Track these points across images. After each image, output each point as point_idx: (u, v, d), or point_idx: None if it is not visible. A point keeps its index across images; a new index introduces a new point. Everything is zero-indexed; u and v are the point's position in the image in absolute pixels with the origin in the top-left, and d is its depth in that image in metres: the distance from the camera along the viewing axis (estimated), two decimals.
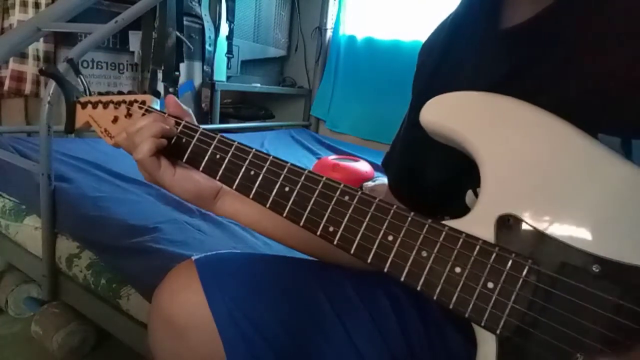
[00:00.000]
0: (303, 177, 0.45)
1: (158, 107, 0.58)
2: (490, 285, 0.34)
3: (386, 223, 0.39)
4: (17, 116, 1.62)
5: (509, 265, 0.34)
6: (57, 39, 1.52)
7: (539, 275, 0.33)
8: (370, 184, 1.61)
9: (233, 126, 2.25)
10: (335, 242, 0.41)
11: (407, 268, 0.37)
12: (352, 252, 0.40)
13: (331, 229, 0.42)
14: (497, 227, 0.36)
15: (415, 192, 0.58)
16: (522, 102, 0.38)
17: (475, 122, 0.39)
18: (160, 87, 1.73)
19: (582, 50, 0.40)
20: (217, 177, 0.50)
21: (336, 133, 2.49)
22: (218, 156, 0.50)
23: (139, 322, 0.89)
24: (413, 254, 0.37)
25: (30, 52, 1.49)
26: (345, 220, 0.41)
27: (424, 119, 0.41)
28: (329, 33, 2.51)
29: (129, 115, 0.58)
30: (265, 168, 0.47)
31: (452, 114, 0.41)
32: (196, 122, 0.55)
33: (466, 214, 0.38)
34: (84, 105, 0.62)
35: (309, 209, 0.44)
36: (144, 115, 0.56)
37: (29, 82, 1.53)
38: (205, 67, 1.96)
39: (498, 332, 0.34)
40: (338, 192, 0.42)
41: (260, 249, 0.98)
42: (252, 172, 0.48)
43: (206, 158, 0.51)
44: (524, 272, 0.33)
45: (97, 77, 1.67)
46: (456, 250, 0.36)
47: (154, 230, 0.95)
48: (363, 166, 1.73)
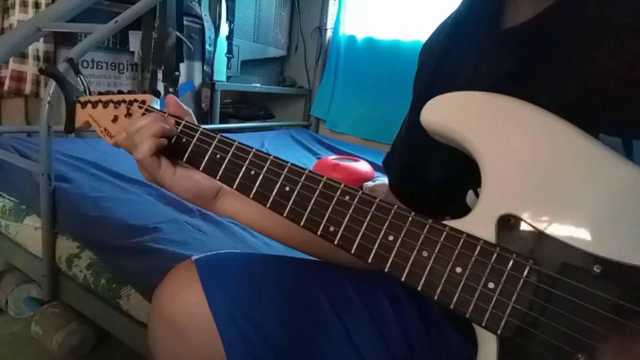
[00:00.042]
0: (303, 177, 0.45)
1: (158, 107, 0.58)
2: (491, 285, 0.34)
3: (387, 223, 0.39)
4: (17, 116, 1.62)
5: (509, 266, 0.34)
6: (57, 39, 1.52)
7: (540, 276, 0.33)
8: (370, 184, 1.61)
9: (233, 126, 2.25)
10: (336, 242, 0.41)
11: (408, 268, 0.37)
12: (352, 252, 0.40)
13: (332, 228, 0.42)
14: (498, 227, 0.36)
15: (415, 192, 0.58)
16: (523, 102, 0.38)
17: (476, 122, 0.39)
18: (160, 87, 1.73)
19: (582, 50, 0.40)
20: (218, 177, 0.50)
21: (336, 133, 2.49)
22: (218, 156, 0.50)
23: (139, 322, 0.89)
24: (414, 254, 0.37)
25: (30, 52, 1.49)
26: (346, 220, 0.41)
27: (425, 119, 0.41)
28: (329, 33, 2.51)
29: (128, 114, 0.58)
30: (265, 168, 0.47)
31: (452, 114, 0.41)
32: (196, 122, 0.55)
33: (467, 214, 0.38)
34: (83, 105, 0.62)
35: (309, 208, 0.43)
36: (144, 114, 0.56)
37: (29, 82, 1.53)
38: (205, 67, 1.96)
39: (499, 332, 0.33)
40: (338, 192, 0.42)
41: (260, 249, 0.98)
42: (253, 172, 0.48)
43: (206, 158, 0.51)
44: (525, 273, 0.33)
45: (97, 77, 1.67)
46: (457, 251, 0.36)
47: (154, 230, 0.95)
48: (363, 166, 1.73)
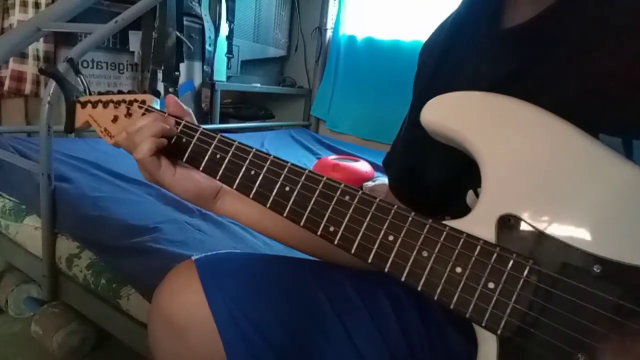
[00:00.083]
0: (303, 177, 0.45)
1: (158, 107, 0.58)
2: (491, 285, 0.34)
3: (387, 223, 0.39)
4: (17, 116, 1.62)
5: (509, 266, 0.34)
6: (57, 39, 1.52)
7: (540, 276, 0.33)
8: (370, 184, 1.61)
9: (233, 126, 2.25)
10: (336, 242, 0.41)
11: (408, 268, 0.37)
12: (352, 252, 0.40)
13: (332, 228, 0.42)
14: (498, 227, 0.36)
15: (415, 192, 0.58)
16: (522, 102, 0.38)
17: (476, 122, 0.39)
18: (160, 87, 1.73)
19: (582, 50, 0.40)
20: (218, 177, 0.50)
21: (336, 133, 2.49)
22: (218, 156, 0.50)
23: (139, 322, 0.89)
24: (414, 254, 0.37)
25: (30, 52, 1.49)
26: (346, 220, 0.41)
27: (425, 119, 0.41)
28: (329, 33, 2.51)
29: (128, 114, 0.58)
30: (265, 168, 0.47)
31: (452, 114, 0.41)
32: (196, 122, 0.55)
33: (467, 214, 0.38)
34: (83, 105, 0.62)
35: (309, 208, 0.43)
36: (144, 114, 0.56)
37: (29, 82, 1.53)
38: (205, 67, 1.96)
39: (499, 332, 0.33)
40: (339, 192, 0.42)
41: (260, 249, 0.98)
42: (253, 172, 0.48)
43: (206, 158, 0.51)
44: (525, 273, 0.33)
45: (97, 77, 1.67)
46: (457, 251, 0.36)
47: (154, 230, 0.95)
48: (363, 166, 1.73)
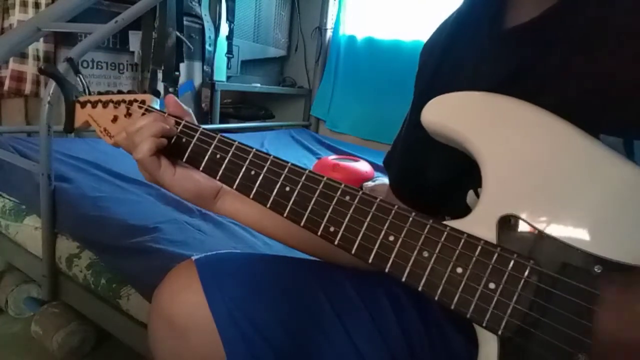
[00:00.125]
0: (304, 177, 0.45)
1: (158, 107, 0.58)
2: (491, 285, 0.34)
3: (387, 223, 0.39)
4: (17, 116, 1.62)
5: (510, 266, 0.34)
6: (57, 39, 1.52)
7: (541, 276, 0.33)
8: (370, 184, 1.61)
9: (233, 126, 2.25)
10: (336, 242, 0.41)
11: (409, 268, 0.37)
12: (353, 252, 0.40)
13: (332, 229, 0.42)
14: (498, 227, 0.35)
15: (416, 192, 0.58)
16: (523, 102, 0.38)
17: (476, 122, 0.39)
18: (160, 87, 1.73)
19: (583, 50, 0.40)
20: (218, 177, 0.50)
21: (336, 133, 2.49)
22: (218, 156, 0.50)
23: (139, 322, 0.88)
24: (414, 255, 0.37)
25: (30, 52, 1.49)
26: (346, 220, 0.41)
27: (425, 119, 0.41)
28: (329, 33, 2.51)
29: (128, 114, 0.58)
30: (265, 168, 0.47)
31: (453, 114, 0.41)
32: (196, 122, 0.55)
33: (467, 213, 0.38)
34: (83, 105, 0.62)
35: (309, 209, 0.43)
36: (143, 114, 0.56)
37: (29, 82, 1.53)
38: (205, 67, 1.96)
39: (500, 332, 0.33)
40: (339, 192, 0.42)
41: (260, 249, 0.98)
42: (253, 172, 0.48)
43: (206, 158, 0.51)
44: (526, 273, 0.33)
45: (97, 77, 1.67)
46: (458, 251, 0.36)
47: (154, 230, 0.95)
48: (363, 166, 1.73)
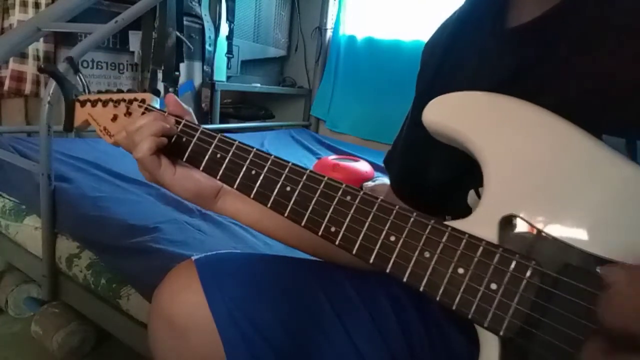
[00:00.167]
0: (305, 177, 0.44)
1: (158, 106, 0.58)
2: (493, 286, 0.34)
3: (388, 223, 0.39)
4: (17, 116, 1.62)
5: (512, 266, 0.34)
6: (57, 39, 1.52)
7: (543, 277, 0.33)
8: (370, 184, 1.61)
9: (233, 126, 2.25)
10: (337, 243, 0.41)
11: (410, 269, 0.37)
12: (354, 252, 0.40)
13: (333, 229, 0.41)
14: (500, 227, 0.35)
15: (416, 192, 0.57)
16: (524, 102, 0.37)
17: (477, 122, 0.39)
18: (160, 87, 1.73)
19: (582, 50, 0.39)
20: (218, 177, 0.50)
21: (336, 133, 2.49)
22: (219, 155, 0.50)
23: (139, 322, 0.88)
24: (416, 255, 0.37)
25: (30, 52, 1.49)
26: (347, 220, 0.41)
27: (426, 118, 0.41)
28: (329, 33, 2.51)
29: (128, 113, 0.58)
30: (266, 168, 0.47)
31: (454, 114, 0.40)
32: (196, 122, 0.55)
33: (468, 213, 0.38)
34: (83, 104, 0.62)
35: (310, 208, 0.43)
36: (143, 113, 0.56)
37: (29, 82, 1.52)
38: (205, 67, 1.96)
39: (501, 333, 0.33)
40: (340, 192, 0.42)
41: (260, 249, 0.98)
42: (254, 172, 0.48)
43: (207, 157, 0.51)
44: (528, 273, 0.33)
45: (97, 77, 1.67)
46: (459, 251, 0.36)
47: (154, 230, 0.95)
48: (363, 166, 1.73)
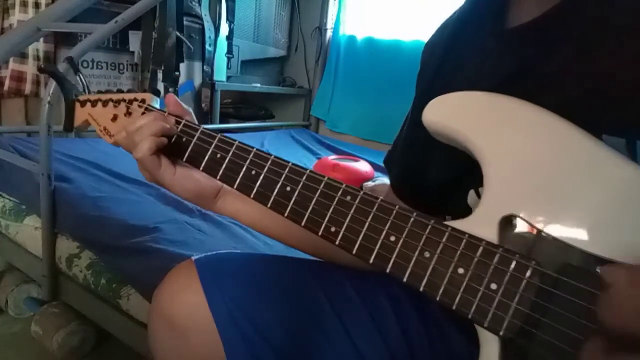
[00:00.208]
0: (305, 177, 0.44)
1: (158, 106, 0.58)
2: (493, 286, 0.34)
3: (389, 223, 0.39)
4: (17, 116, 1.62)
5: (512, 267, 0.34)
6: (57, 39, 1.52)
7: (543, 277, 0.33)
8: (370, 184, 1.61)
9: (233, 126, 2.25)
10: (337, 243, 0.41)
11: (410, 269, 0.37)
12: (354, 252, 0.40)
13: (333, 229, 0.41)
14: (500, 227, 0.35)
15: (417, 192, 0.57)
16: (524, 102, 0.37)
17: (478, 122, 0.39)
18: (160, 87, 1.73)
19: (582, 50, 0.39)
20: (218, 177, 0.50)
21: (336, 133, 2.49)
22: (219, 155, 0.50)
23: (139, 322, 0.88)
24: (416, 255, 0.37)
25: (30, 52, 1.49)
26: (347, 220, 0.41)
27: (427, 118, 0.41)
28: (329, 33, 2.51)
29: (128, 113, 0.58)
30: (266, 168, 0.47)
31: (454, 114, 0.40)
32: (196, 121, 0.55)
33: (468, 213, 0.38)
34: (83, 104, 0.62)
35: (310, 208, 0.43)
36: (143, 113, 0.56)
37: (29, 82, 1.52)
38: (205, 67, 1.96)
39: (501, 333, 0.33)
40: (340, 192, 0.42)
41: (260, 249, 0.98)
42: (254, 172, 0.48)
43: (207, 157, 0.51)
44: (528, 274, 0.33)
45: (97, 77, 1.67)
46: (459, 251, 0.36)
47: (154, 230, 0.95)
48: (363, 166, 1.73)
